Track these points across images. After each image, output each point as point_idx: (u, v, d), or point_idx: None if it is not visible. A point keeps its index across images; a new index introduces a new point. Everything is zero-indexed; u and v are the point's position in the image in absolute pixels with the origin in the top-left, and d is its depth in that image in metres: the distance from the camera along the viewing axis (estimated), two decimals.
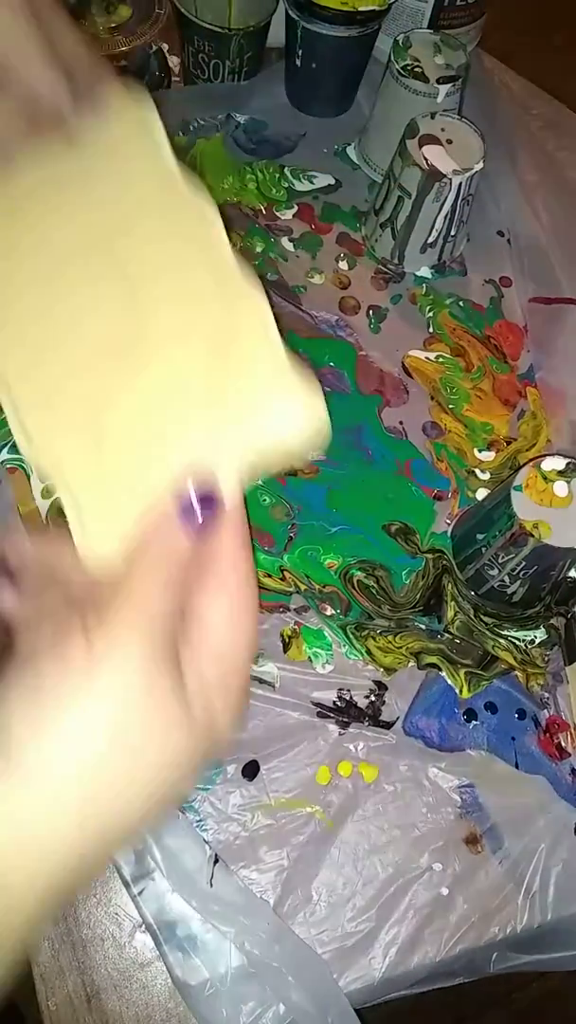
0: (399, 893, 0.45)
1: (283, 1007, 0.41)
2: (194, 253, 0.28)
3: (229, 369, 0.27)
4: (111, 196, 0.30)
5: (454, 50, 0.59)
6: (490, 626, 0.51)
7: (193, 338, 0.28)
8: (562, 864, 0.46)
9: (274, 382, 0.27)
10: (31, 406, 0.28)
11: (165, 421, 0.27)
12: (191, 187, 0.29)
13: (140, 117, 0.31)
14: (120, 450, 0.27)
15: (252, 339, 0.27)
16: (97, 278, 0.29)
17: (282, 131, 0.65)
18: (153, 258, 0.28)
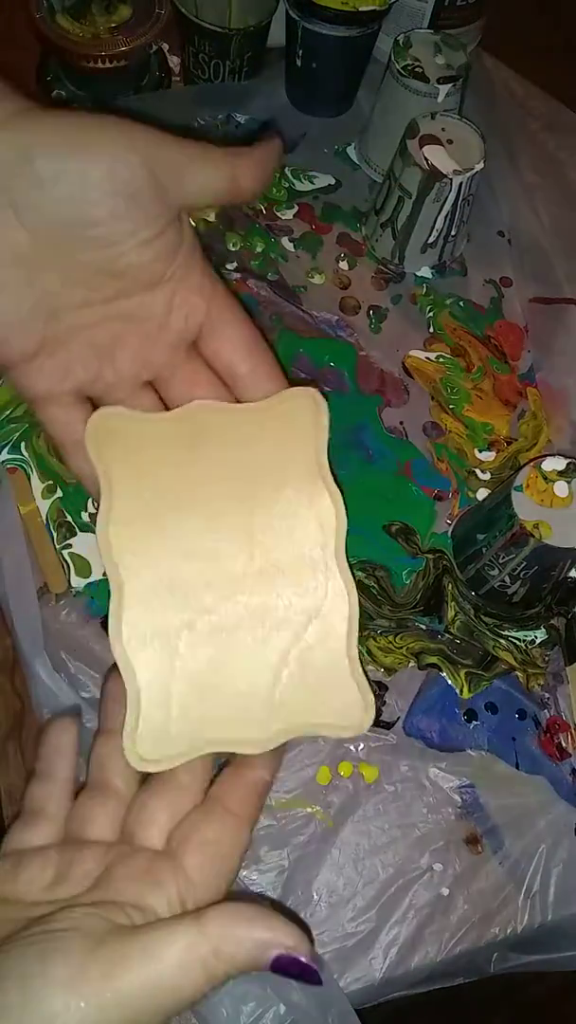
0: (399, 893, 0.45)
1: (283, 1007, 0.41)
2: (315, 534, 0.34)
3: (306, 647, 0.32)
4: (265, 461, 0.34)
5: (455, 50, 0.59)
6: (491, 626, 0.51)
7: (286, 608, 0.33)
8: (562, 864, 0.46)
9: (341, 680, 0.32)
10: (132, 610, 0.32)
11: (236, 671, 0.32)
12: (332, 481, 0.34)
13: (312, 400, 0.35)
14: (190, 680, 0.32)
15: (334, 630, 0.33)
16: (228, 524, 0.33)
17: (282, 131, 0.65)
18: (280, 527, 0.34)
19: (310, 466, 0.34)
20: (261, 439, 0.34)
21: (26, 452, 0.50)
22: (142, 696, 0.31)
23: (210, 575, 0.33)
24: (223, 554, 0.33)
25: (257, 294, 0.59)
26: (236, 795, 0.31)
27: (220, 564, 0.33)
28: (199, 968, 0.25)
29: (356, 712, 0.32)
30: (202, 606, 0.32)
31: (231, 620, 0.32)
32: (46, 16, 0.57)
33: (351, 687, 0.32)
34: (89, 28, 0.57)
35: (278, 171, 0.63)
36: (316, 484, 0.34)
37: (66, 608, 0.48)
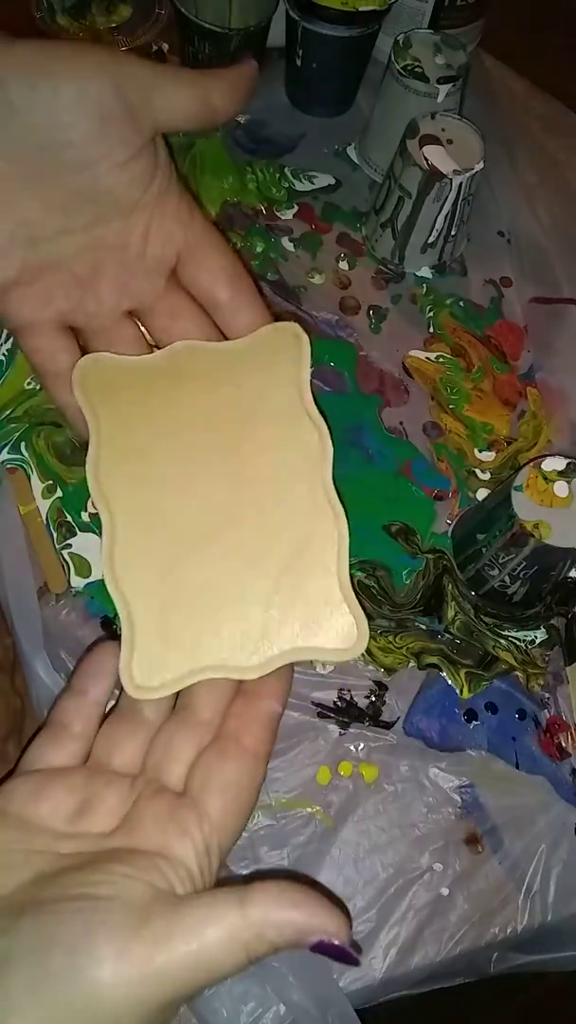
0: (399, 893, 0.45)
1: (283, 1007, 0.41)
2: (300, 465, 0.34)
3: (296, 573, 0.33)
4: (249, 398, 0.35)
5: (454, 50, 0.59)
6: (491, 626, 0.51)
7: (274, 537, 0.33)
8: (562, 864, 0.46)
9: (332, 603, 0.33)
10: (123, 541, 0.33)
11: (228, 599, 0.33)
12: (316, 412, 0.35)
13: (294, 335, 0.36)
14: (182, 608, 0.32)
15: (323, 555, 0.33)
16: (214, 459, 0.34)
17: (282, 131, 0.65)
18: (265, 461, 0.34)
19: (293, 400, 0.35)
20: (244, 376, 0.35)
21: (26, 452, 0.50)
22: (136, 625, 0.32)
23: (198, 511, 0.33)
24: (211, 491, 0.34)
25: None
26: (250, 731, 0.31)
27: (208, 500, 0.34)
28: (241, 950, 0.25)
29: (350, 634, 0.33)
30: (191, 540, 0.33)
31: (220, 552, 0.33)
32: (46, 16, 0.57)
33: (343, 610, 0.33)
34: (89, 28, 0.58)
35: (277, 171, 0.63)
36: (300, 417, 0.35)
37: (66, 608, 0.48)
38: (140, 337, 0.36)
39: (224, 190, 0.62)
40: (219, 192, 0.61)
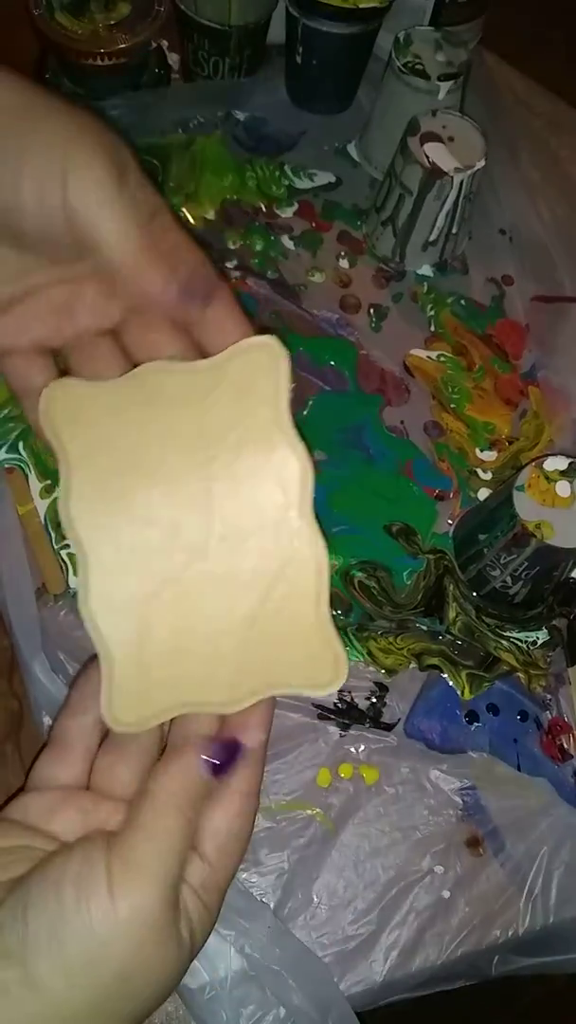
0: (400, 896, 0.44)
1: (283, 1010, 0.41)
2: (277, 496, 0.32)
3: (274, 609, 0.32)
4: (222, 423, 0.33)
5: (455, 47, 0.58)
6: (492, 627, 0.50)
7: (250, 572, 0.32)
8: (564, 867, 0.46)
9: (310, 640, 0.32)
10: (97, 576, 0.32)
11: (203, 635, 0.32)
12: (295, 435, 0.33)
13: (270, 356, 0.33)
14: (159, 645, 0.32)
15: (301, 591, 0.32)
16: (187, 491, 0.33)
17: (282, 128, 0.65)
18: (240, 491, 0.33)
19: (269, 423, 0.33)
20: (217, 399, 0.33)
21: (24, 452, 0.50)
22: (114, 661, 0.32)
23: (172, 544, 0.32)
24: (184, 522, 0.33)
25: (257, 292, 0.58)
26: (242, 771, 0.31)
27: (182, 532, 0.32)
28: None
29: (325, 669, 0.32)
30: (166, 574, 0.32)
31: (196, 587, 0.32)
32: (45, 13, 0.57)
33: (318, 645, 0.32)
34: (88, 25, 0.57)
35: (278, 169, 0.63)
36: (277, 442, 0.33)
37: (64, 609, 0.47)
38: (117, 354, 0.35)
39: (224, 188, 0.61)
40: (219, 190, 0.61)
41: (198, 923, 0.29)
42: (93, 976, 0.25)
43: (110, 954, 0.26)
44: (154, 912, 0.26)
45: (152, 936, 0.26)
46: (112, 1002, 0.26)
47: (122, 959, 0.26)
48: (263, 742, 0.32)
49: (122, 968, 0.26)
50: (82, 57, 0.56)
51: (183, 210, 0.60)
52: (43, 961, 0.25)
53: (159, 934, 0.27)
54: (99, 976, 0.26)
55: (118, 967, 0.26)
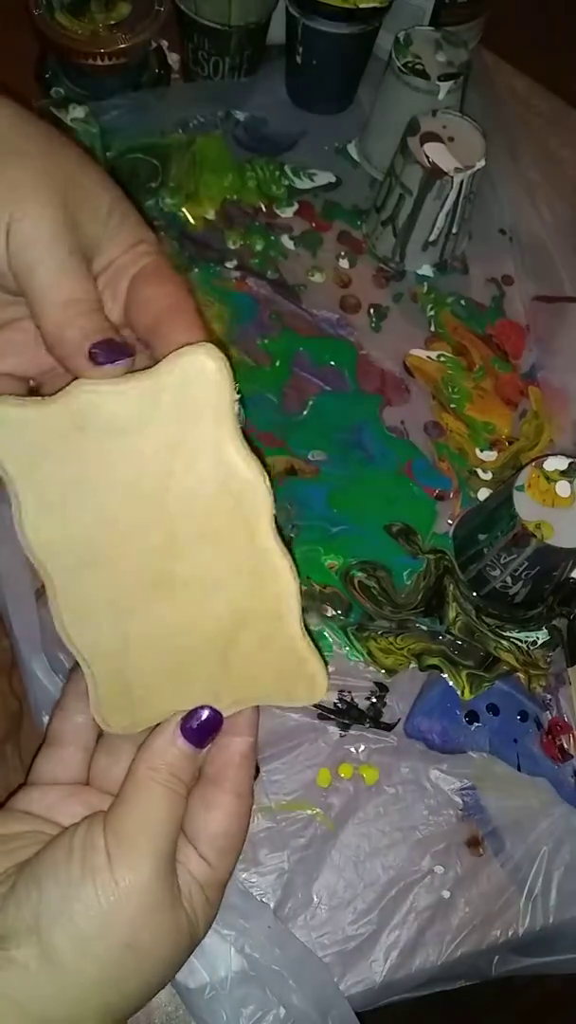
0: (400, 896, 0.44)
1: (283, 1010, 0.41)
2: (233, 516, 0.31)
3: (246, 626, 0.32)
4: (164, 446, 0.31)
5: (455, 47, 0.58)
6: (492, 627, 0.50)
7: (215, 597, 0.32)
8: (564, 867, 0.46)
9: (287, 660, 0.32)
10: (65, 600, 0.32)
11: (181, 648, 0.32)
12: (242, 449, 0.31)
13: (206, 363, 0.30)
14: (139, 655, 0.32)
15: (270, 607, 0.32)
16: (137, 516, 0.31)
17: (282, 128, 0.65)
18: (192, 515, 0.31)
19: (216, 441, 0.30)
20: (156, 416, 0.30)
21: None
22: (96, 677, 0.32)
23: (134, 572, 0.32)
24: (141, 550, 0.32)
25: (257, 292, 0.58)
26: (229, 774, 0.32)
27: (140, 560, 0.32)
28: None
29: (300, 687, 0.32)
30: (133, 599, 0.32)
31: (164, 611, 0.32)
32: (45, 13, 0.57)
33: (293, 663, 0.32)
34: (88, 25, 0.57)
35: (277, 169, 0.63)
36: (226, 457, 0.30)
37: None
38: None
39: (224, 188, 0.61)
40: (219, 190, 0.61)
41: (201, 913, 0.30)
42: (103, 946, 0.27)
43: (116, 924, 0.27)
44: (151, 884, 0.28)
45: (152, 908, 0.28)
46: (122, 974, 0.27)
47: (128, 928, 0.27)
48: (251, 744, 0.33)
49: (129, 937, 0.27)
50: (82, 57, 0.56)
51: (183, 210, 0.60)
52: (57, 933, 0.27)
53: (158, 906, 0.28)
54: (108, 946, 0.27)
55: (125, 936, 0.27)
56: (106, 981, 0.27)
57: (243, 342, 0.56)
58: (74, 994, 0.27)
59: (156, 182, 0.60)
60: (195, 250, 0.59)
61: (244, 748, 0.33)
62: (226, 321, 0.57)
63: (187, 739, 0.31)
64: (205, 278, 0.58)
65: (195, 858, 0.31)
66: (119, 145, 0.60)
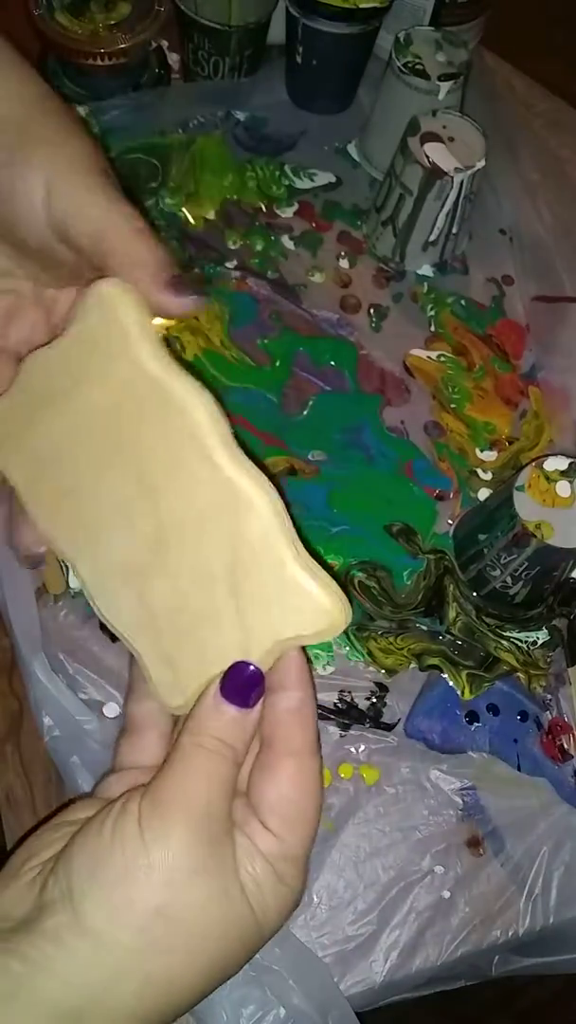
0: (400, 896, 0.44)
1: (283, 1010, 0.41)
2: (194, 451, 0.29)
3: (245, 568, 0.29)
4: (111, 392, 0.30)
5: (456, 47, 0.58)
6: (492, 627, 0.50)
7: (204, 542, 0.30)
8: (564, 867, 0.46)
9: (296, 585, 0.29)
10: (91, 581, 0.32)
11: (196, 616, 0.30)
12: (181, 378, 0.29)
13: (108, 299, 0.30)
14: (168, 628, 0.31)
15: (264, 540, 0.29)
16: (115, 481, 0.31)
17: (282, 128, 0.65)
18: (157, 459, 0.30)
19: (149, 374, 0.29)
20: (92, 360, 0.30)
21: None
22: (141, 654, 0.32)
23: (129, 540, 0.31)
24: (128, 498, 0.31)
25: (257, 292, 0.58)
26: (280, 733, 0.30)
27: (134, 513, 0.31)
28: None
29: (322, 612, 0.29)
30: (137, 570, 0.31)
31: (167, 572, 0.31)
32: (45, 13, 0.57)
33: (306, 590, 0.28)
34: (88, 25, 0.57)
35: (278, 169, 0.63)
36: (166, 392, 0.29)
37: (64, 609, 0.47)
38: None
39: (224, 188, 0.61)
40: (219, 190, 0.61)
41: (270, 891, 0.28)
42: (134, 913, 0.26)
43: (146, 889, 0.26)
44: (187, 848, 0.26)
45: (189, 873, 0.26)
46: (157, 942, 0.26)
47: (160, 895, 0.26)
48: (301, 699, 0.30)
49: (161, 904, 0.26)
50: (82, 57, 0.56)
51: (183, 210, 0.60)
52: (88, 900, 0.26)
53: (198, 873, 0.27)
54: (140, 913, 0.26)
55: (157, 902, 0.26)
56: (141, 949, 0.26)
57: (243, 342, 0.56)
58: (111, 962, 0.26)
59: (156, 182, 0.60)
60: (195, 250, 0.59)
61: (291, 704, 0.30)
62: (226, 321, 0.57)
63: (229, 700, 0.29)
64: (205, 278, 0.58)
65: (260, 829, 0.29)
66: (119, 145, 0.60)
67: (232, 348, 0.56)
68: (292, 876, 0.29)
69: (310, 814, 0.30)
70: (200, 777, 0.28)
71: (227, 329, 0.56)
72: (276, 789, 0.30)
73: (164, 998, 0.27)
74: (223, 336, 0.56)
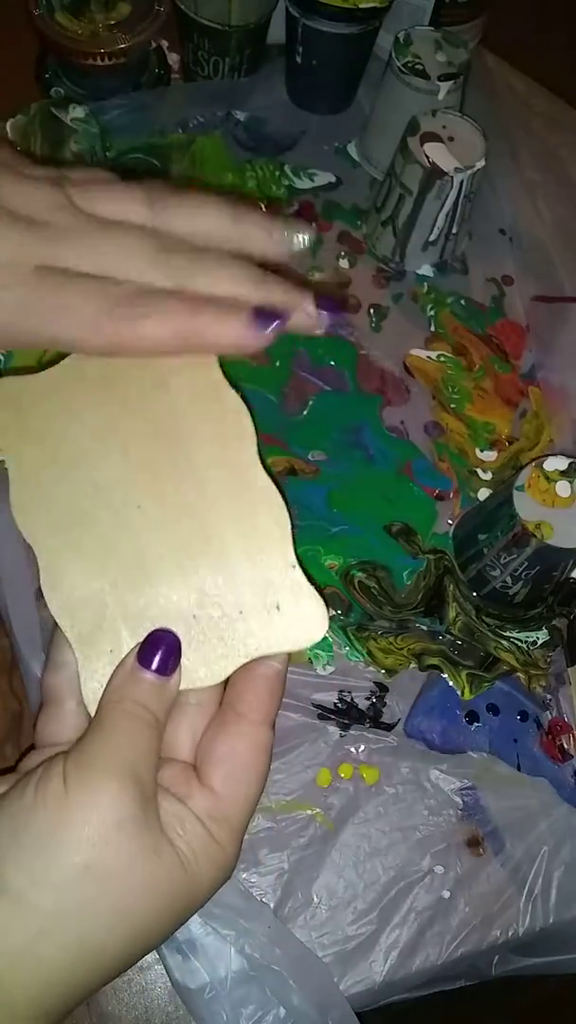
0: (400, 896, 0.44)
1: (283, 1010, 0.41)
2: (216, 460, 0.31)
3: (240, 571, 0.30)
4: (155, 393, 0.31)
5: (455, 47, 0.58)
6: (492, 627, 0.50)
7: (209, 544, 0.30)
8: (564, 867, 0.46)
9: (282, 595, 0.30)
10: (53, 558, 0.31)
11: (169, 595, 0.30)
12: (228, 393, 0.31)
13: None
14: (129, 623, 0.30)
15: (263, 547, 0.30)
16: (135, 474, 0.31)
17: (282, 128, 0.65)
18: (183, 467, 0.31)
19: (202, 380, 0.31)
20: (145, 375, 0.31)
21: None
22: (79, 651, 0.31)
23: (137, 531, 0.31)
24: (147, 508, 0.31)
25: None
26: (247, 697, 0.30)
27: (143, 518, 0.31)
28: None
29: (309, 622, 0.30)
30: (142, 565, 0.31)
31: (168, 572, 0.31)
32: (45, 13, 0.57)
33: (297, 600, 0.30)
34: (88, 25, 0.57)
35: (277, 169, 0.63)
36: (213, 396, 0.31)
37: None
38: None
39: (224, 188, 0.61)
40: (219, 190, 0.61)
41: (200, 849, 0.28)
42: (58, 873, 0.25)
43: (70, 844, 0.25)
44: (114, 803, 0.26)
45: (116, 828, 0.26)
46: (85, 901, 0.25)
47: (85, 848, 0.25)
48: (278, 672, 0.31)
49: (87, 858, 0.25)
50: (82, 57, 0.56)
51: None
52: (7, 863, 0.25)
53: (125, 828, 0.26)
54: (64, 873, 0.25)
55: (83, 860, 0.25)
56: (65, 911, 0.25)
57: None
58: (32, 924, 0.25)
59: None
60: None
61: (269, 672, 0.30)
62: None
63: (148, 667, 0.29)
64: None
65: (197, 788, 0.29)
66: (119, 145, 0.60)
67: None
68: (226, 839, 0.29)
69: (253, 779, 0.30)
70: (123, 738, 0.28)
71: None
72: (228, 744, 0.30)
73: (89, 962, 0.26)
74: None
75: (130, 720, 0.28)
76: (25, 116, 0.51)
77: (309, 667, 0.48)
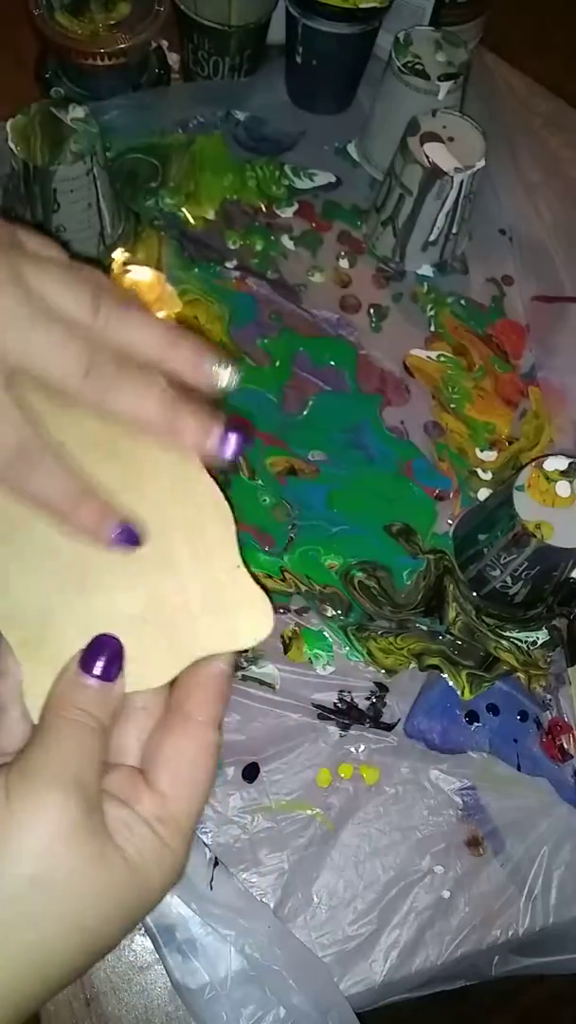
0: (400, 896, 0.44)
1: (283, 1010, 0.41)
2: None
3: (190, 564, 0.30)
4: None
5: (455, 47, 0.58)
6: (492, 627, 0.50)
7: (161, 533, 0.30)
8: (564, 867, 0.46)
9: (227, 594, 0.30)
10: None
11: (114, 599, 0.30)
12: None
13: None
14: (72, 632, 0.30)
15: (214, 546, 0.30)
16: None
17: (282, 128, 0.65)
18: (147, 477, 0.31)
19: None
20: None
21: None
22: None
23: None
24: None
25: (257, 292, 0.58)
26: (194, 698, 0.30)
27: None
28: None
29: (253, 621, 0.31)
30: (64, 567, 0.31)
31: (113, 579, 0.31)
32: (45, 13, 0.57)
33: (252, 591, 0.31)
34: (88, 25, 0.57)
35: (277, 169, 0.63)
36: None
37: None
38: None
39: (224, 188, 0.61)
40: (219, 190, 0.61)
41: (149, 852, 0.28)
42: (4, 886, 0.25)
43: (17, 859, 0.25)
44: (60, 814, 0.26)
45: (63, 840, 0.26)
46: (31, 913, 0.25)
47: (32, 863, 0.25)
48: (222, 670, 0.31)
49: (34, 873, 0.25)
50: (82, 57, 0.56)
51: (183, 210, 0.60)
52: None
53: (72, 838, 0.26)
54: (10, 885, 0.25)
55: (29, 871, 0.25)
56: (15, 924, 0.25)
57: (243, 342, 0.56)
58: None
59: (156, 182, 0.60)
60: (195, 250, 0.59)
61: (215, 672, 0.30)
62: (226, 321, 0.57)
63: (90, 673, 0.29)
64: (205, 278, 0.58)
65: (144, 792, 0.29)
66: (119, 145, 0.60)
67: (232, 348, 0.56)
68: (174, 840, 0.28)
69: (201, 779, 0.30)
70: (66, 746, 0.27)
71: (227, 329, 0.57)
72: (175, 745, 0.29)
73: (39, 973, 0.26)
74: (223, 336, 0.56)
75: (73, 727, 0.28)
76: (25, 116, 0.51)
77: (309, 667, 0.48)
